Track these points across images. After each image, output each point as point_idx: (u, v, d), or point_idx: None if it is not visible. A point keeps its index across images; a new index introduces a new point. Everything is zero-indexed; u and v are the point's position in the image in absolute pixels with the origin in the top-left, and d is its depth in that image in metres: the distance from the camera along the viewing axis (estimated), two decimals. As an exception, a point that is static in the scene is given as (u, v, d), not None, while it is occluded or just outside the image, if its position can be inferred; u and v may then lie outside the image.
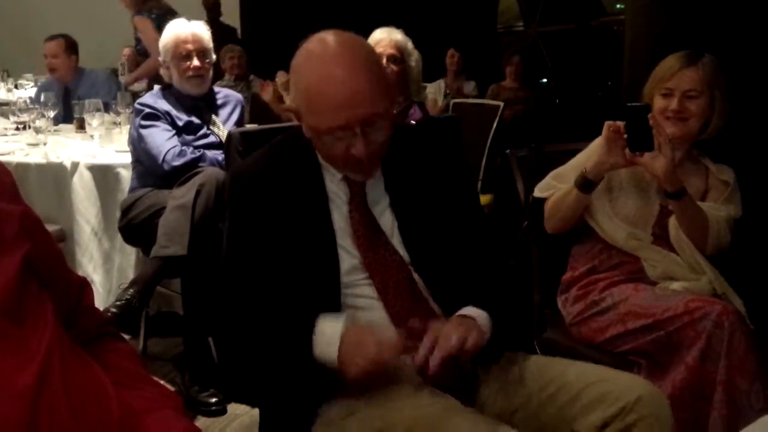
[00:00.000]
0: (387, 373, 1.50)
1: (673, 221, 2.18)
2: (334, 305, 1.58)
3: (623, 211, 2.22)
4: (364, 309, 1.60)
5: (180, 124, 3.09)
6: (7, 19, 9.31)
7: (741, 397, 1.91)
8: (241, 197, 1.63)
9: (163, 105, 3.09)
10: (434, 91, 6.64)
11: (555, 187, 2.28)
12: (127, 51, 6.10)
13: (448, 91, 6.62)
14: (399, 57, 3.10)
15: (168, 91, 3.18)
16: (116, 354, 1.36)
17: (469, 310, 1.55)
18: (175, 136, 3.03)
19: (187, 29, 3.13)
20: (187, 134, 3.10)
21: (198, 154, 3.00)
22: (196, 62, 3.10)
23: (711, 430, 1.93)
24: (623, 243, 2.20)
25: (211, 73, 3.20)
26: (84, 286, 1.39)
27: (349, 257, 1.60)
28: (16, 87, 6.37)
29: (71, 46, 4.80)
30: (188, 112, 3.13)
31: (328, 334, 1.49)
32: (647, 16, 5.65)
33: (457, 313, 1.55)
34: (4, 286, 1.13)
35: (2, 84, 6.53)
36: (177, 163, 2.96)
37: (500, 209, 4.25)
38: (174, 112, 3.10)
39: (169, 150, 2.96)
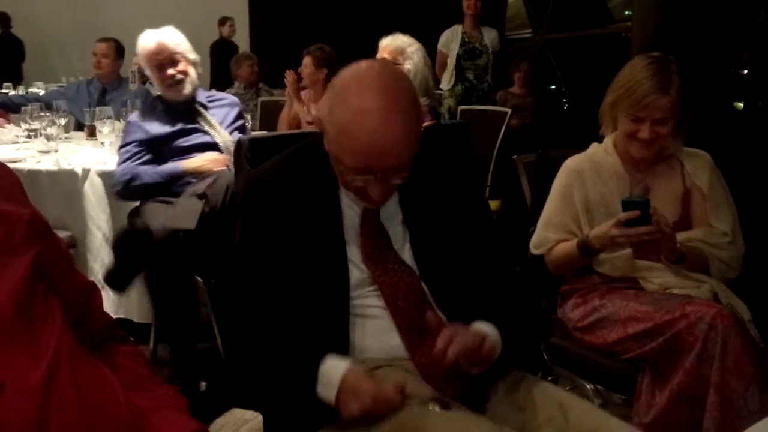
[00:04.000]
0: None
1: None
2: (343, 316, 1.58)
3: None
4: (372, 318, 1.60)
5: (169, 131, 3.18)
6: (19, 28, 9.41)
7: (737, 400, 1.91)
8: (254, 204, 1.62)
9: (150, 117, 3.23)
10: (448, 39, 6.31)
11: (550, 240, 2.27)
12: (137, 60, 6.14)
13: (466, 39, 6.26)
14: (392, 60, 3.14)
15: (159, 100, 3.32)
16: (124, 356, 1.38)
17: (480, 327, 1.54)
18: (132, 161, 3.12)
19: (151, 41, 3.21)
20: (181, 137, 3.19)
21: (150, 180, 3.08)
22: (169, 71, 3.17)
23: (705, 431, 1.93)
24: (622, 273, 2.22)
25: (193, 73, 3.25)
26: (93, 289, 1.40)
27: (358, 271, 1.60)
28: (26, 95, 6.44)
29: (120, 50, 5.00)
30: (179, 118, 3.22)
31: (329, 376, 1.48)
32: (654, 23, 5.67)
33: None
34: (15, 287, 1.16)
35: (14, 92, 6.60)
36: (117, 188, 3.12)
37: (507, 215, 4.26)
38: (160, 123, 3.20)
39: (116, 175, 3.12)
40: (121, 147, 3.20)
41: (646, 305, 2.10)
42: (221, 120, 3.29)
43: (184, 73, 3.19)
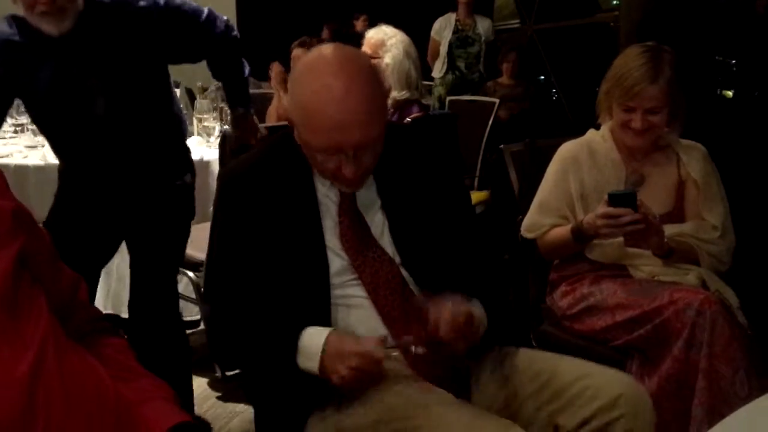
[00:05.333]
0: (377, 375, 1.50)
1: None
2: (324, 305, 1.59)
3: None
4: (355, 307, 1.61)
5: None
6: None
7: (726, 386, 1.92)
8: (231, 197, 1.63)
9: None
10: (441, 26, 6.31)
11: (543, 224, 2.28)
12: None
13: (459, 27, 6.27)
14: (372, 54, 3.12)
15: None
16: (112, 348, 1.38)
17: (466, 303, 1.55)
18: None
19: None
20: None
21: None
22: None
23: (694, 418, 1.94)
24: (612, 260, 2.23)
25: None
26: (79, 281, 1.40)
27: (338, 259, 1.61)
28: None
29: None
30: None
31: (308, 346, 1.50)
32: (641, 12, 5.67)
33: None
34: (1, 278, 1.15)
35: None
36: None
37: (496, 205, 4.27)
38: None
39: None
40: None
41: (635, 293, 2.11)
42: None
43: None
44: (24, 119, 3.81)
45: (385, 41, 3.17)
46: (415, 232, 1.64)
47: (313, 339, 1.51)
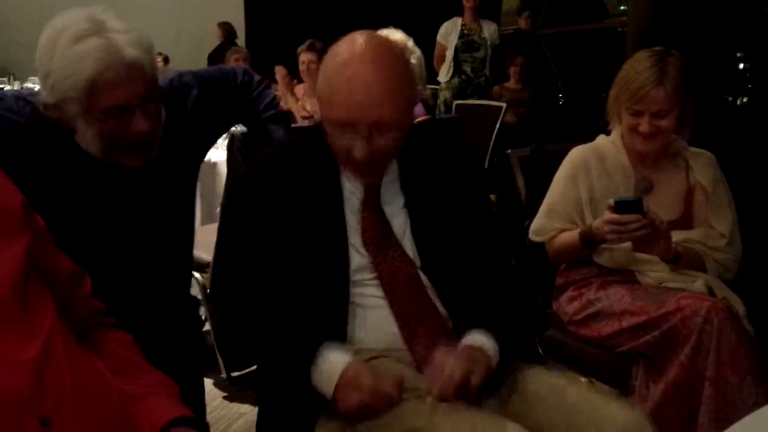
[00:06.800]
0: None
1: None
2: (342, 303, 1.58)
3: None
4: (371, 308, 1.60)
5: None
6: (13, 24, 9.38)
7: (732, 393, 1.92)
8: (254, 187, 1.62)
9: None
10: (447, 31, 6.32)
11: (552, 228, 2.27)
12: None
13: (465, 31, 6.28)
14: None
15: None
16: (115, 343, 1.39)
17: (476, 338, 1.53)
18: None
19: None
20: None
21: None
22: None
23: (700, 425, 1.94)
24: (620, 265, 2.22)
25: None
26: (81, 275, 1.40)
27: (358, 256, 1.61)
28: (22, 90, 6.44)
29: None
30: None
31: (329, 369, 1.47)
32: (649, 17, 5.66)
33: (464, 342, 1.53)
34: (13, 270, 1.17)
35: (9, 87, 6.59)
36: None
37: (503, 210, 4.27)
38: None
39: None
40: None
41: (641, 299, 2.11)
42: None
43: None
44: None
45: (406, 42, 3.19)
46: (437, 235, 1.63)
47: (332, 364, 1.47)
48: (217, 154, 3.44)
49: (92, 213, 1.70)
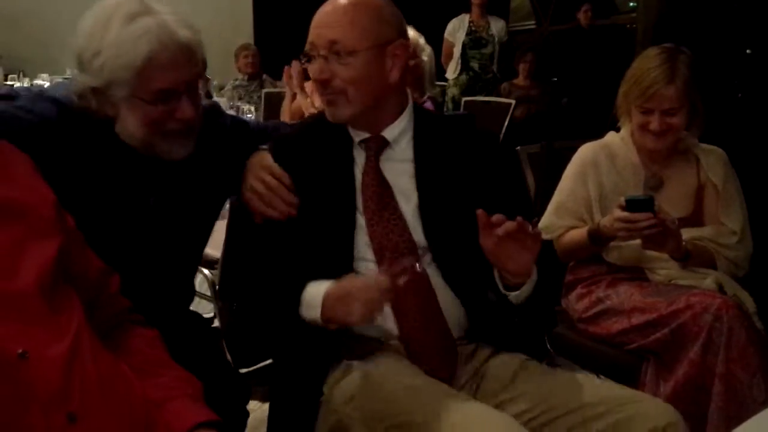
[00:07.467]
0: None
1: None
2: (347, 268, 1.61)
3: None
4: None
5: None
6: (23, 21, 9.41)
7: (742, 390, 1.92)
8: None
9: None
10: (455, 27, 6.34)
11: (560, 226, 2.26)
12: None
13: (473, 28, 6.30)
14: (412, 53, 3.13)
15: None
16: (140, 340, 1.39)
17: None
18: None
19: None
20: None
21: None
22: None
23: (710, 422, 1.94)
24: (630, 263, 2.22)
25: None
26: (110, 274, 1.40)
27: (360, 216, 1.64)
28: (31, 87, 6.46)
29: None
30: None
31: (310, 298, 1.53)
32: (658, 14, 5.64)
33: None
34: (43, 267, 1.18)
35: (19, 84, 6.62)
36: None
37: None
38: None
39: None
40: None
41: (651, 296, 2.10)
42: None
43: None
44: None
45: (418, 40, 3.20)
46: (444, 209, 1.65)
47: (314, 290, 1.53)
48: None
49: (122, 208, 1.64)
